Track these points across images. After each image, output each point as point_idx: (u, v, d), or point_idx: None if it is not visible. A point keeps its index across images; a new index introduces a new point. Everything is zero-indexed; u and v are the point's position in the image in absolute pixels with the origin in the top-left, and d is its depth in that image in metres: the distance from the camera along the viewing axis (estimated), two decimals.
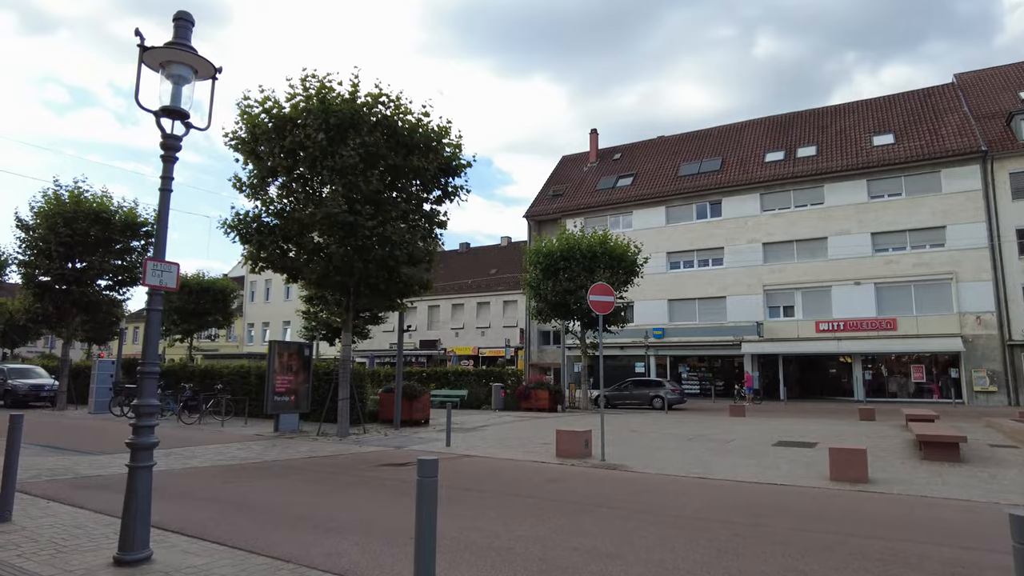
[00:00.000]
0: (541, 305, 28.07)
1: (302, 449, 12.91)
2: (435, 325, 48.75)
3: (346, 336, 16.49)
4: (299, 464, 10.59)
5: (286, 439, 15.03)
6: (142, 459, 4.55)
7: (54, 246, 23.72)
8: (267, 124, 15.16)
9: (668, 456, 12.12)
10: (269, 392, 16.68)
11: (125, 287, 26.18)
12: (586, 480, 9.41)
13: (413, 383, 19.27)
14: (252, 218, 15.58)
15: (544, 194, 46.69)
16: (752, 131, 41.75)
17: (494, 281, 47.36)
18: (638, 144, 47.53)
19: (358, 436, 15.55)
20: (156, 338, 4.77)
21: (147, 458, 4.58)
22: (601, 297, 11.95)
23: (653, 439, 15.22)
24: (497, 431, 17.05)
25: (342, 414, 15.87)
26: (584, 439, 11.79)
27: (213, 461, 10.75)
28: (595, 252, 26.87)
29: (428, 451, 12.74)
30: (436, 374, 29.28)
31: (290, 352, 17.38)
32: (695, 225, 39.19)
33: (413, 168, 15.32)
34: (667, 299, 38.86)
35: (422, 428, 18.06)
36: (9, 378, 26.41)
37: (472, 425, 18.59)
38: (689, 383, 38.72)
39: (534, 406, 25.20)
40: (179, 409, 19.06)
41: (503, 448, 13.24)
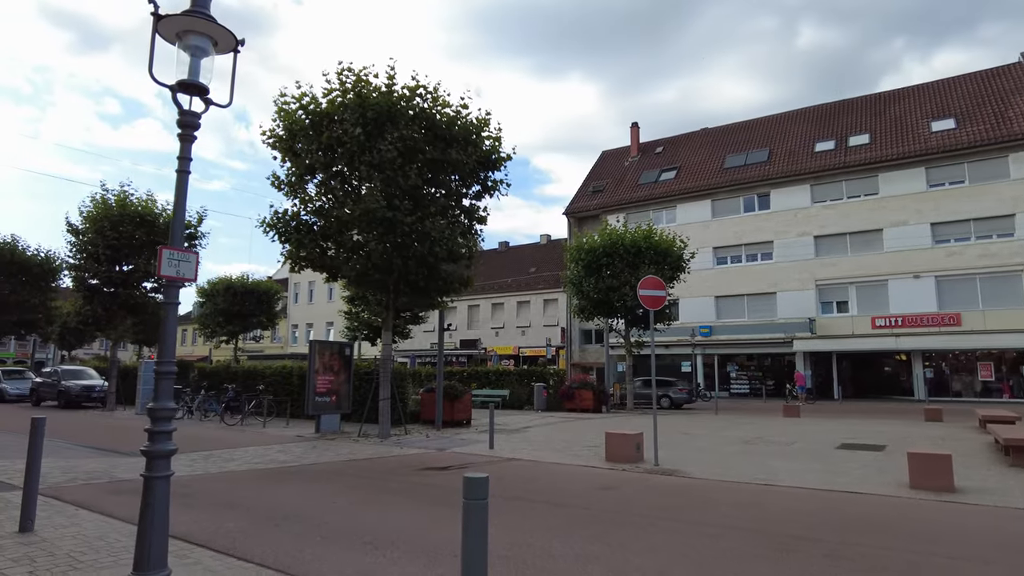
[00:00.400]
0: (583, 303, 27.35)
1: (342, 451, 12.54)
2: (475, 324, 48.40)
3: (386, 335, 16.12)
4: (338, 468, 10.18)
5: (327, 440, 14.72)
6: (158, 468, 4.11)
7: (102, 249, 24.07)
8: (304, 121, 14.89)
9: (727, 460, 11.35)
10: (310, 393, 16.42)
11: None
12: (642, 487, 8.75)
13: (454, 383, 18.83)
14: (291, 216, 15.34)
15: (584, 190, 45.90)
16: (800, 120, 40.21)
17: (534, 280, 46.76)
18: (680, 137, 46.35)
19: (399, 437, 15.15)
20: (173, 335, 4.33)
21: (164, 467, 4.14)
22: (651, 291, 11.26)
23: (708, 442, 14.43)
24: (541, 433, 16.46)
25: (383, 415, 15.49)
26: (636, 442, 11.12)
27: (251, 464, 10.43)
28: (639, 247, 26.03)
29: (471, 453, 12.23)
30: (477, 374, 28.83)
31: (331, 352, 17.11)
32: (742, 218, 37.90)
33: (452, 162, 14.84)
34: (714, 296, 37.68)
35: (464, 429, 17.58)
36: (63, 379, 26.97)
37: (515, 426, 18.04)
38: (738, 383, 37.50)
39: (578, 407, 24.52)
40: (221, 410, 18.99)
41: (549, 451, 12.64)
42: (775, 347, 35.71)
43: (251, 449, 12.71)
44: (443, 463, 10.86)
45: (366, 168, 14.00)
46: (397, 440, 14.62)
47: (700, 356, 37.81)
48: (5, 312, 34.67)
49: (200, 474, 9.30)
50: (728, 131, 43.59)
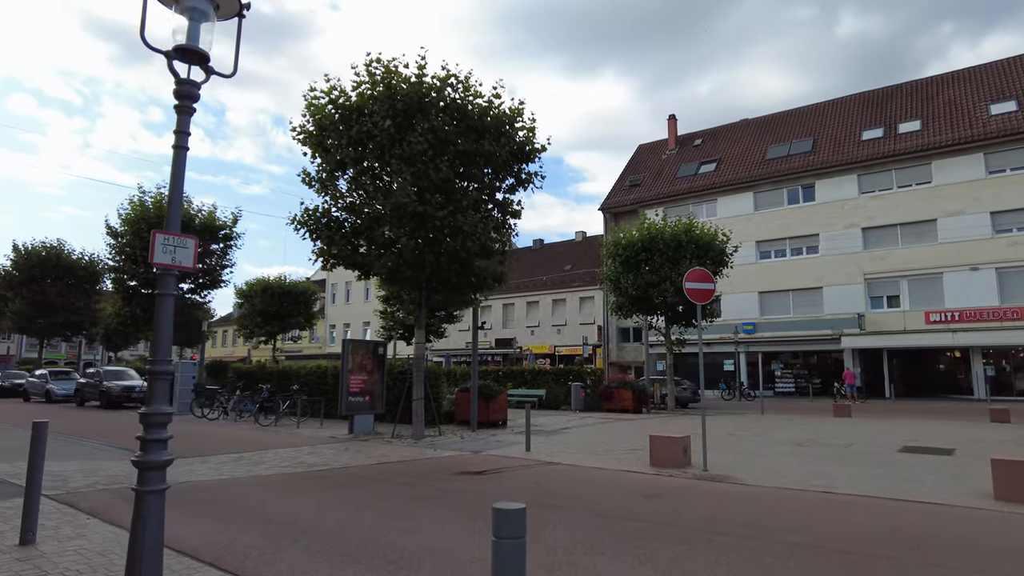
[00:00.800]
0: (621, 300, 26.57)
1: (374, 454, 12.12)
2: (510, 323, 47.90)
3: (419, 334, 15.69)
4: (368, 473, 9.73)
5: (359, 442, 14.34)
6: (151, 481, 3.64)
7: (139, 251, 24.28)
8: (334, 116, 14.55)
9: (779, 465, 10.56)
10: (343, 393, 16.11)
11: (206, 290, 26.57)
12: (691, 495, 8.07)
13: (489, 382, 18.33)
14: (321, 213, 15.02)
15: (620, 185, 44.99)
16: (845, 108, 38.64)
17: (569, 277, 46.02)
18: (720, 128, 45.07)
19: (433, 439, 14.70)
20: (168, 330, 3.87)
21: (158, 480, 3.67)
22: (699, 284, 10.54)
23: (757, 445, 13.60)
24: (580, 434, 15.83)
25: (417, 416, 15.06)
26: (683, 446, 10.42)
27: (279, 468, 10.06)
28: (680, 241, 25.14)
29: (507, 456, 11.67)
30: (512, 373, 28.32)
31: (364, 351, 16.77)
32: (786, 211, 36.58)
33: (484, 153, 14.32)
34: (757, 291, 36.46)
35: (500, 430, 17.05)
36: (104, 380, 27.31)
37: (552, 427, 17.43)
38: (783, 381, 36.19)
39: (617, 407, 23.79)
40: (256, 411, 18.83)
41: (589, 454, 12.01)
42: (822, 344, 34.36)
43: (282, 451, 12.38)
44: (478, 467, 10.33)
45: (396, 162, 13.57)
46: (431, 442, 14.16)
47: (743, 354, 36.61)
48: (52, 314, 35.54)
49: (226, 478, 8.94)
50: (769, 121, 42.19)
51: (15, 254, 35.14)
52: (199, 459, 11.12)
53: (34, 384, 32.53)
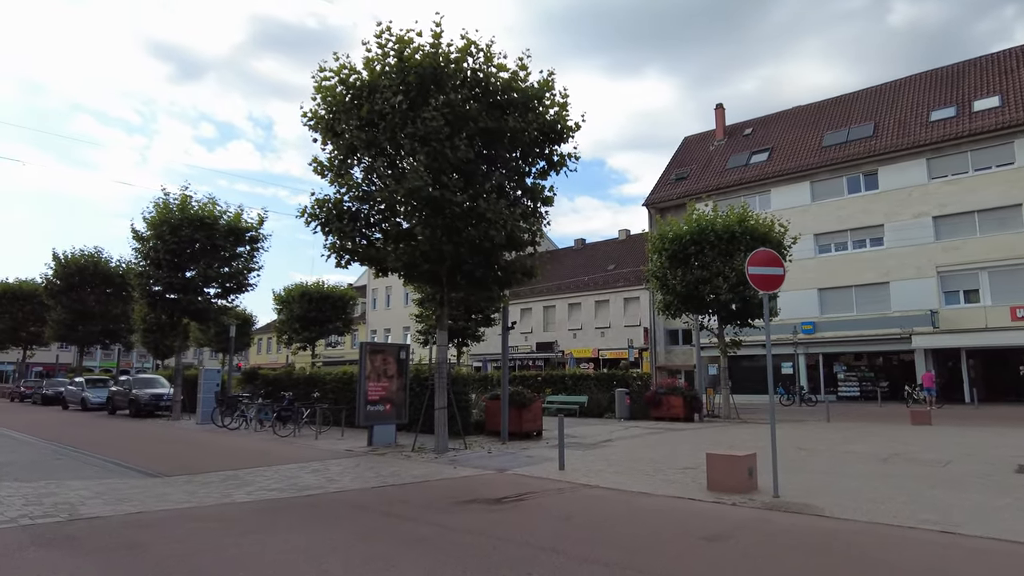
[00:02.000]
0: (669, 298, 24.57)
1: (384, 471, 10.60)
2: (551, 326, 46.10)
3: (441, 335, 14.14)
4: (364, 500, 8.18)
5: (376, 456, 12.87)
6: None
7: (162, 254, 23.48)
8: (344, 96, 13.17)
9: (868, 488, 8.58)
10: (361, 401, 14.68)
11: (233, 294, 25.65)
12: (765, 536, 6.24)
13: (522, 389, 16.64)
14: (333, 204, 13.62)
15: (665, 179, 42.79)
16: (910, 88, 35.67)
17: (612, 277, 43.97)
18: (771, 117, 42.45)
19: (457, 452, 13.11)
20: None
21: None
22: (765, 269, 8.67)
23: (833, 461, 11.57)
24: (624, 448, 14.00)
25: (439, 427, 13.52)
26: (748, 466, 8.55)
27: (264, 492, 8.60)
28: (733, 232, 23.03)
29: (536, 477, 9.98)
30: (552, 378, 26.55)
31: (384, 355, 15.31)
32: (846, 201, 33.85)
33: (510, 132, 12.70)
34: (817, 288, 33.81)
35: (533, 442, 15.35)
36: (133, 388, 26.73)
37: (593, 439, 15.65)
38: (847, 385, 33.43)
39: (666, 415, 21.81)
40: (273, 420, 17.60)
41: (633, 475, 10.21)
42: (889, 344, 31.54)
43: (283, 468, 10.97)
44: (498, 492, 8.66)
45: (409, 142, 12.06)
46: (453, 456, 12.57)
47: (803, 356, 34.00)
48: (90, 322, 35.44)
49: (189, 507, 7.51)
50: (825, 107, 39.42)
51: (55, 263, 35.18)
52: (184, 478, 9.79)
53: (71, 392, 32.37)
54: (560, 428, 10.91)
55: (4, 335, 43.65)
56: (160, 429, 20.30)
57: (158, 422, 23.27)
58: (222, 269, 24.60)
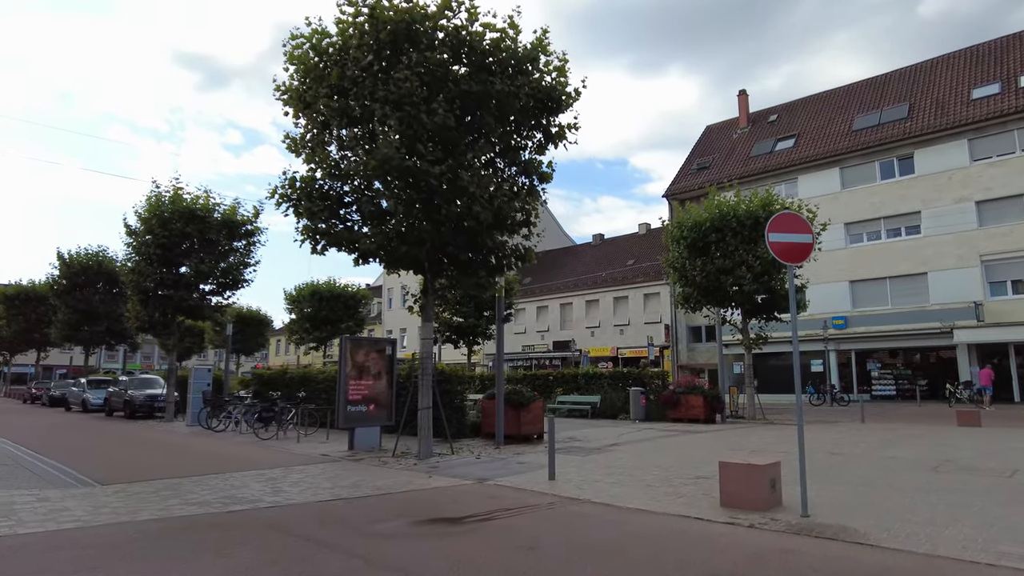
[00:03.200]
0: (688, 290, 22.85)
1: (346, 482, 9.19)
2: (568, 324, 44.46)
3: (426, 327, 12.70)
4: (295, 518, 6.76)
5: (351, 462, 11.49)
6: None
7: (153, 249, 22.47)
8: (317, 63, 11.84)
9: (921, 506, 6.94)
10: (340, 401, 13.34)
11: (229, 290, 24.56)
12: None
13: (521, 388, 15.08)
14: (304, 183, 12.26)
15: (687, 169, 40.94)
16: (948, 67, 33.38)
17: (632, 272, 42.19)
18: (797, 102, 40.36)
19: (441, 458, 11.68)
20: None
21: None
22: (789, 236, 7.06)
23: (873, 469, 9.88)
24: (632, 452, 12.42)
25: (422, 429, 12.08)
26: (769, 477, 6.97)
27: (186, 507, 7.24)
28: (757, 218, 21.24)
29: (519, 489, 8.49)
30: (564, 377, 24.98)
31: (367, 350, 13.94)
32: (879, 187, 31.73)
33: (497, 97, 11.23)
34: (848, 280, 31.75)
35: (532, 446, 13.83)
36: (129, 389, 25.82)
37: (598, 443, 14.09)
38: (882, 383, 31.29)
39: (685, 416, 20.13)
40: (253, 421, 16.35)
41: (634, 486, 8.67)
42: (928, 339, 29.37)
43: (236, 476, 9.64)
44: (464, 509, 7.20)
45: (381, 106, 10.67)
46: (435, 463, 11.13)
47: (833, 353, 31.92)
48: (95, 322, 34.73)
49: (74, 527, 6.17)
50: (855, 90, 37.23)
51: (60, 263, 34.55)
52: (118, 487, 8.52)
53: (74, 394, 31.70)
54: (551, 431, 9.40)
55: (18, 337, 43.39)
56: (146, 431, 19.22)
57: (149, 424, 22.25)
58: (218, 264, 23.49)
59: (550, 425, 9.43)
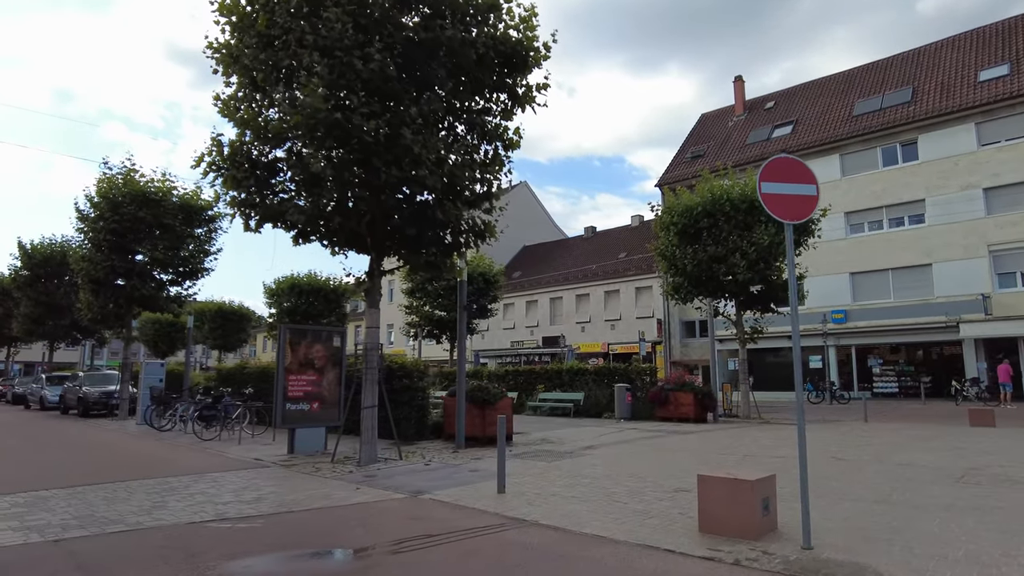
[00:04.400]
0: (678, 280, 21.32)
1: (250, 496, 7.62)
2: (558, 319, 42.90)
3: (371, 315, 11.12)
4: (130, 548, 5.21)
5: (282, 469, 9.93)
6: None
7: (103, 235, 20.86)
8: (244, 8, 10.25)
9: (955, 534, 5.39)
10: (278, 398, 11.78)
11: (188, 280, 22.96)
12: None
13: (487, 384, 13.47)
14: (233, 147, 10.65)
15: (680, 158, 39.39)
16: (954, 49, 31.84)
17: (623, 265, 40.63)
18: (795, 88, 38.77)
19: (386, 464, 10.12)
20: None
21: None
22: (787, 187, 5.46)
23: (885, 479, 8.33)
24: (607, 457, 10.86)
25: (366, 431, 10.51)
26: (761, 496, 5.42)
27: (12, 535, 5.68)
28: (752, 202, 19.74)
29: (458, 505, 6.94)
30: (546, 373, 23.42)
31: (311, 342, 12.37)
32: (881, 174, 30.19)
33: (447, 45, 9.64)
34: (848, 272, 30.21)
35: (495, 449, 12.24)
36: (84, 385, 24.23)
37: (574, 445, 12.53)
38: (883, 380, 29.77)
39: (674, 414, 18.59)
40: (192, 419, 14.79)
41: (599, 501, 7.12)
42: (932, 334, 27.86)
43: (136, 485, 8.06)
44: (370, 538, 5.62)
45: (309, 54, 9.08)
46: (376, 470, 9.57)
47: (833, 348, 30.41)
48: (58, 315, 33.05)
49: None
50: (855, 75, 35.66)
51: (21, 253, 32.86)
52: None
53: (33, 390, 30.14)
54: (500, 434, 7.84)
55: None
56: (89, 431, 17.63)
57: (100, 423, 20.67)
58: (176, 252, 21.87)
59: (499, 427, 7.86)
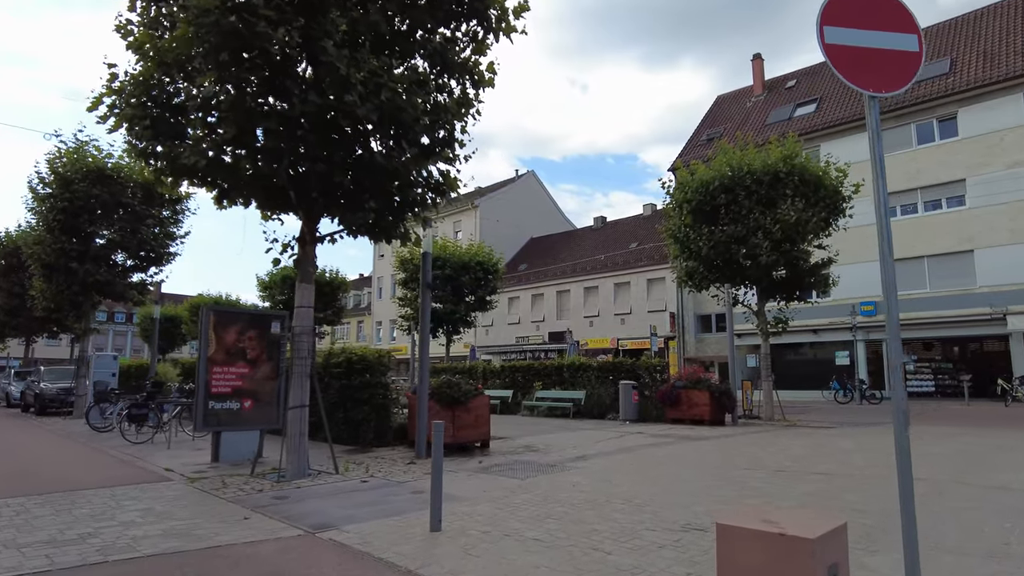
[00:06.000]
0: (692, 264, 18.95)
1: (72, 533, 5.44)
2: (565, 313, 40.54)
3: (303, 291, 8.90)
4: None
5: (182, 486, 7.75)
6: None
7: (53, 215, 18.88)
8: None
9: None
10: (200, 395, 9.62)
11: (151, 266, 20.93)
12: None
13: (456, 379, 11.12)
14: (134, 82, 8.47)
15: (695, 140, 36.92)
16: (996, 16, 29.08)
17: (634, 256, 38.19)
18: (819, 66, 36.05)
19: (316, 479, 7.91)
20: None
21: None
22: (866, 36, 3.19)
23: (986, 519, 5.97)
24: (599, 472, 8.55)
25: (291, 438, 8.32)
26: (827, 565, 3.12)
27: None
28: (777, 174, 17.35)
29: (363, 552, 4.72)
30: (545, 369, 21.07)
31: (241, 327, 10.16)
32: (916, 153, 27.56)
33: None
34: (879, 260, 27.54)
35: (464, 460, 9.97)
36: (43, 381, 22.33)
37: (562, 454, 10.23)
38: (918, 378, 27.13)
39: (687, 416, 16.24)
40: (118, 421, 12.71)
41: (570, 549, 4.85)
42: (974, 327, 25.21)
43: None
44: None
45: None
46: (294, 488, 7.35)
47: (862, 343, 27.83)
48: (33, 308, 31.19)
49: None
50: None
51: None
52: None
53: (2, 386, 28.39)
54: (437, 444, 5.58)
55: None
56: (27, 432, 15.69)
57: (48, 422, 18.76)
58: (134, 234, 19.82)
59: (434, 442, 5.62)
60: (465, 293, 27.39)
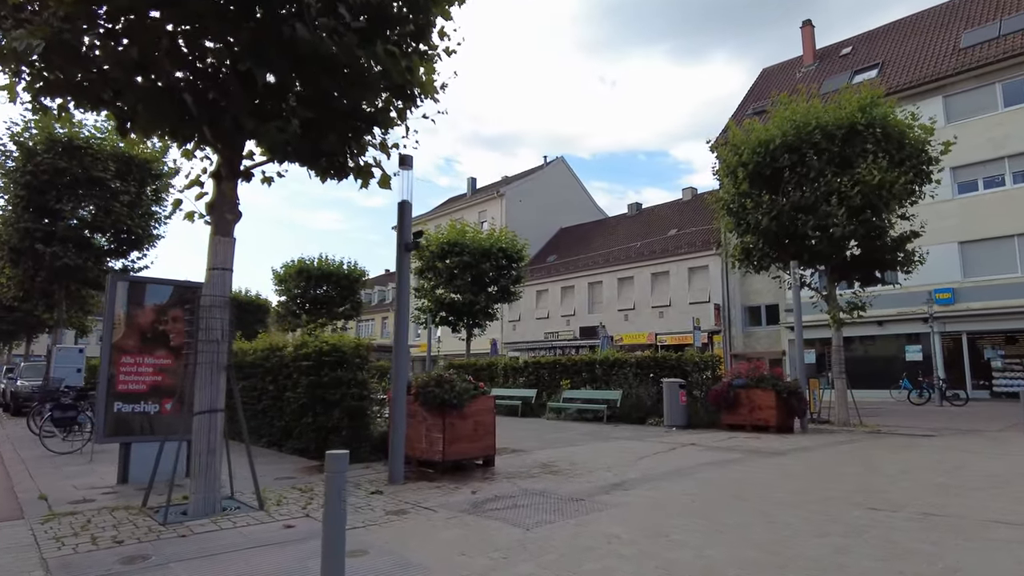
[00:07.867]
0: (749, 240, 16.00)
1: None
2: (597, 306, 37.58)
3: (218, 245, 6.21)
4: None
5: (38, 524, 5.23)
6: None
7: (17, 190, 16.80)
8: None
9: None
10: (101, 393, 7.17)
11: (132, 249, 18.74)
12: None
13: (449, 376, 8.26)
14: None
15: (740, 114, 33.61)
16: None
17: (673, 243, 35.04)
18: (877, 31, 32.63)
19: (215, 521, 5.32)
20: None
21: None
22: None
23: None
24: (642, 511, 5.76)
25: (199, 455, 5.73)
26: None
27: None
28: (851, 127, 14.33)
29: None
30: (574, 365, 18.21)
31: (160, 306, 7.66)
32: (1003, 116, 23.99)
33: None
34: (957, 241, 24.11)
35: (461, 481, 7.25)
36: (19, 378, 20.37)
37: (588, 480, 7.45)
38: (1007, 376, 23.53)
39: (747, 421, 13.29)
40: (42, 426, 10.35)
41: None
42: None
43: None
44: None
45: None
46: (180, 537, 4.76)
47: (938, 335, 24.35)
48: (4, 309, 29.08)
49: None
50: (957, 5, 29.36)
51: None
52: None
53: None
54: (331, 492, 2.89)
55: None
56: None
57: (20, 421, 16.71)
58: (107, 212, 17.58)
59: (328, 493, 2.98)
60: (486, 283, 24.82)
